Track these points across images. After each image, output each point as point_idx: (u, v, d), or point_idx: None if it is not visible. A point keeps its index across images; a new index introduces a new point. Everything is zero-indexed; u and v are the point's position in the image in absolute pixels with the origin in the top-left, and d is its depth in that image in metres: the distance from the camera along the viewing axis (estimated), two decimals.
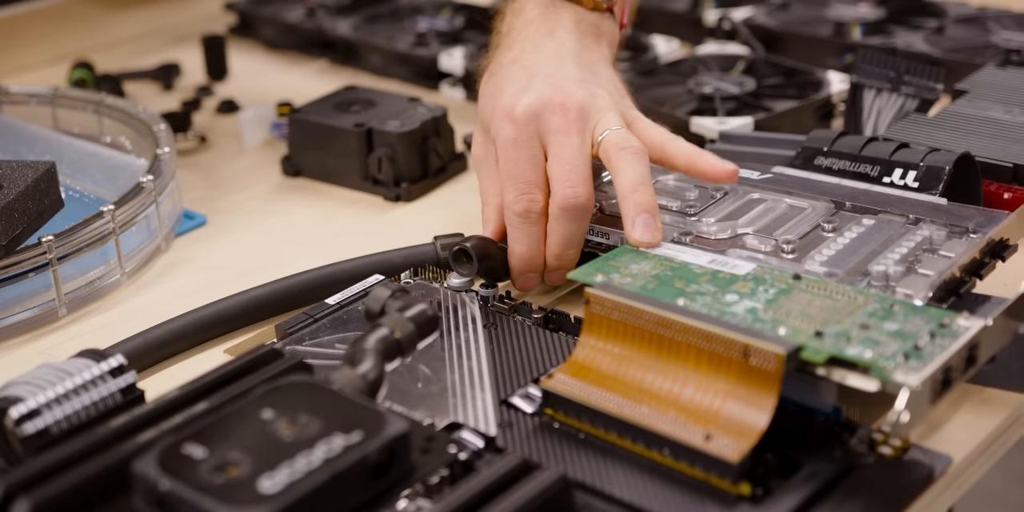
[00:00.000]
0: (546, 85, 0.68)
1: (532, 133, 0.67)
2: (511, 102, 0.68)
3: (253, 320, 0.68)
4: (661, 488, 0.52)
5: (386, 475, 0.48)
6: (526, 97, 0.68)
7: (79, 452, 0.48)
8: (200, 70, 1.06)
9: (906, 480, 0.52)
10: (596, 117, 0.67)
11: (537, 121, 0.67)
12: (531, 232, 0.66)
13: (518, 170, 0.66)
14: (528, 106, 0.67)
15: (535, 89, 0.68)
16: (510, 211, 0.66)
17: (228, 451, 0.46)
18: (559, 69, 0.70)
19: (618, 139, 0.65)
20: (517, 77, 0.70)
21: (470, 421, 0.56)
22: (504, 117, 0.68)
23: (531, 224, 0.66)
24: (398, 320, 0.55)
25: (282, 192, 0.85)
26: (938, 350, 0.52)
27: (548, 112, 0.67)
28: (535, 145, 0.67)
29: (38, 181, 0.69)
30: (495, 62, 0.73)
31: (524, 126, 0.67)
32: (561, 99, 0.67)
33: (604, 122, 0.67)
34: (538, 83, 0.68)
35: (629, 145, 0.65)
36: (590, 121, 0.67)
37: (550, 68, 0.70)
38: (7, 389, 0.54)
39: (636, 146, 0.65)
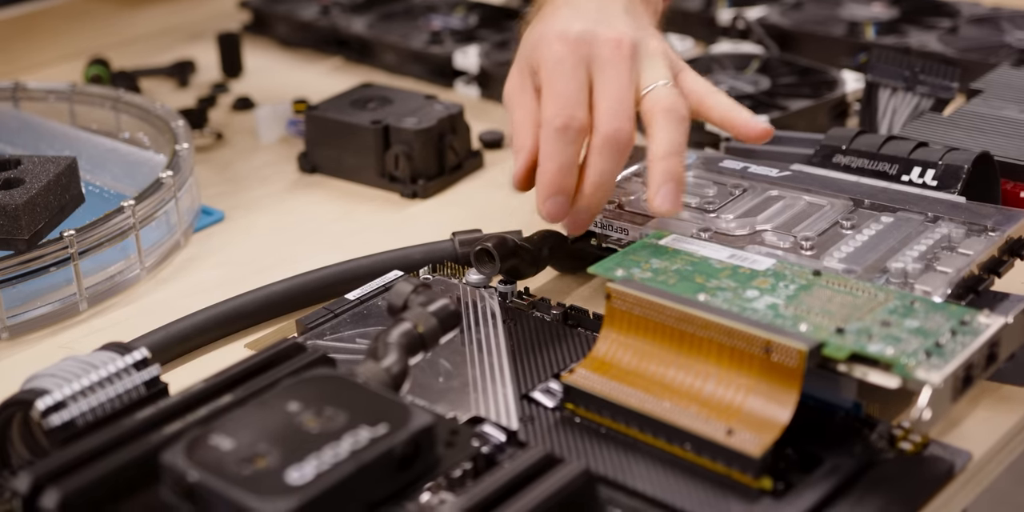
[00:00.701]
0: (598, 22, 0.67)
1: (582, 57, 0.65)
2: (564, 26, 0.66)
3: (273, 315, 0.69)
4: (683, 482, 0.52)
5: (411, 468, 0.48)
6: (579, 24, 0.66)
7: (106, 443, 0.48)
8: (215, 67, 1.06)
9: (927, 475, 0.53)
10: (647, 60, 0.66)
11: (589, 47, 0.65)
12: (566, 151, 0.64)
13: (563, 87, 0.64)
14: (582, 31, 0.66)
15: (589, 21, 0.66)
16: (549, 126, 0.64)
17: (255, 443, 0.46)
18: (610, 15, 0.68)
19: (663, 98, 0.64)
20: (567, 16, 0.68)
21: (492, 415, 0.56)
22: (555, 38, 0.66)
23: (568, 142, 0.63)
24: (421, 314, 0.56)
25: (299, 188, 0.86)
26: (960, 347, 0.52)
27: (601, 41, 0.65)
28: (582, 69, 0.65)
29: (60, 176, 0.70)
30: (543, 9, 0.71)
31: (575, 48, 0.65)
32: (615, 34, 0.66)
33: (653, 70, 0.66)
34: (590, 20, 0.67)
35: (674, 108, 0.64)
36: (641, 61, 0.66)
37: (600, 14, 0.68)
38: (32, 381, 0.54)
39: (680, 110, 0.64)
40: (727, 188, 0.71)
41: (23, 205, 0.66)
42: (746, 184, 0.71)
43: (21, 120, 0.87)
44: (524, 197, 0.70)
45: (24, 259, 0.67)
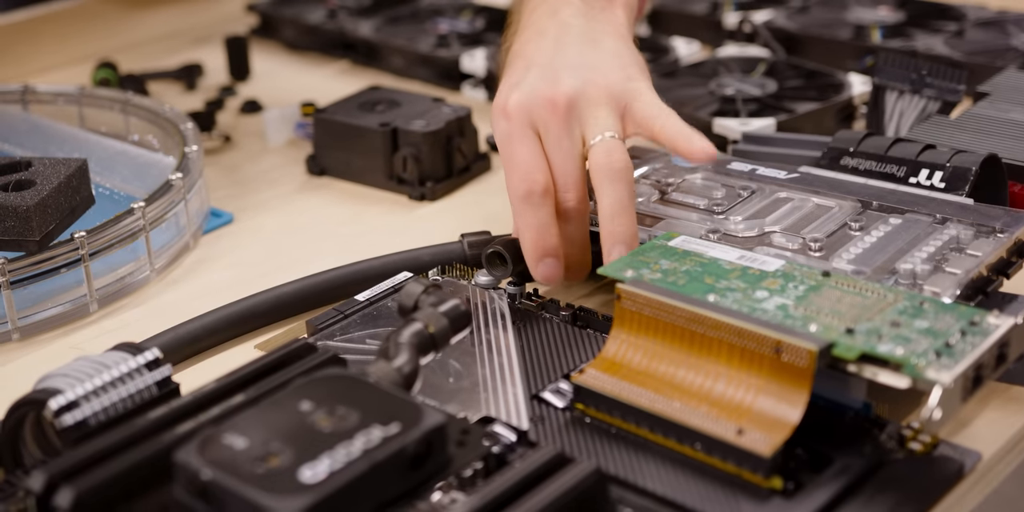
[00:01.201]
0: (538, 77, 0.68)
1: (525, 126, 0.67)
2: (504, 98, 0.68)
3: (283, 316, 0.69)
4: (694, 482, 0.52)
5: (423, 467, 0.48)
6: (517, 91, 0.68)
7: (120, 442, 0.48)
8: (222, 70, 1.06)
9: (936, 475, 0.53)
10: (587, 111, 0.67)
11: (529, 115, 0.67)
12: (537, 215, 0.66)
13: (516, 158, 0.67)
14: (518, 101, 0.67)
15: (527, 82, 0.68)
16: (514, 197, 0.66)
17: (268, 442, 0.47)
18: (556, 56, 0.69)
19: (601, 159, 0.65)
20: (516, 69, 0.70)
21: (502, 415, 0.56)
22: (498, 113, 0.68)
23: (536, 206, 0.65)
24: (432, 315, 0.56)
25: (307, 191, 0.86)
26: (969, 348, 0.53)
27: (538, 106, 0.67)
28: (529, 136, 0.67)
29: (71, 178, 0.70)
30: (506, 53, 0.73)
31: (517, 121, 0.67)
32: (550, 93, 0.67)
33: (593, 124, 0.67)
34: (531, 76, 0.68)
35: (612, 168, 0.65)
36: (581, 116, 0.67)
37: (547, 56, 0.69)
38: (45, 381, 0.54)
39: (618, 169, 0.65)
40: (736, 190, 0.71)
41: (34, 207, 0.66)
42: (754, 186, 0.71)
43: (31, 123, 0.87)
44: None
45: (35, 260, 0.67)
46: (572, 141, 0.67)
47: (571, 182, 0.66)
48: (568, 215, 0.67)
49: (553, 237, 0.66)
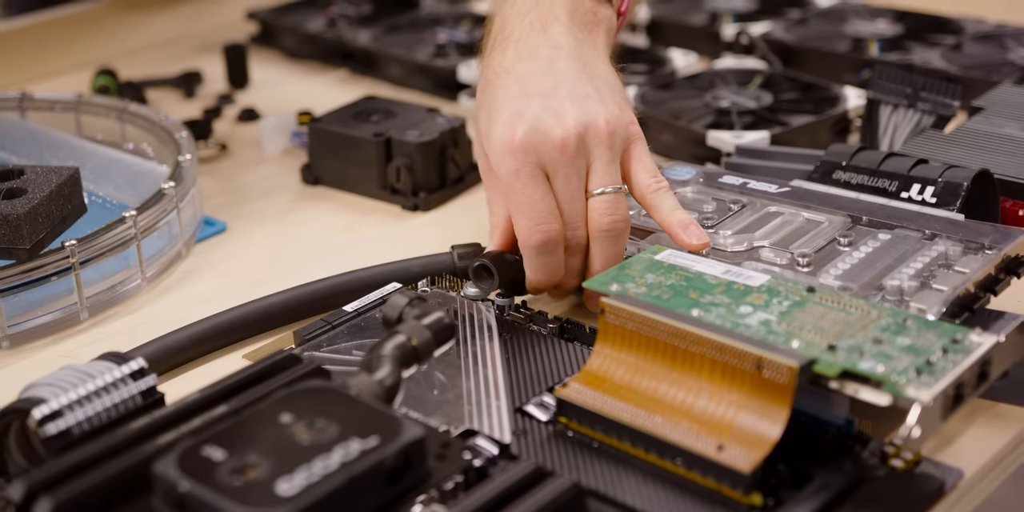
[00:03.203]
0: (542, 110, 0.66)
1: (533, 164, 0.66)
2: (508, 134, 0.66)
3: (272, 326, 0.69)
4: (673, 497, 0.52)
5: (401, 480, 0.48)
6: (522, 126, 0.66)
7: (100, 453, 0.49)
8: (222, 79, 1.07)
9: (917, 493, 0.53)
10: (593, 154, 0.66)
11: (537, 154, 0.65)
12: (550, 262, 0.66)
13: (527, 201, 0.65)
14: (525, 139, 0.65)
15: (531, 116, 0.66)
16: (527, 244, 0.66)
17: (247, 454, 0.47)
18: (555, 85, 0.67)
19: (603, 218, 0.66)
20: (512, 95, 0.67)
21: (485, 428, 0.56)
22: (504, 150, 0.66)
23: (549, 253, 0.66)
24: (415, 327, 0.56)
25: (301, 200, 0.86)
26: (950, 366, 0.52)
27: (548, 146, 0.65)
28: (538, 175, 0.66)
29: (62, 186, 0.70)
30: (490, 67, 0.70)
31: (524, 159, 0.66)
32: (560, 133, 0.65)
33: (599, 169, 0.66)
34: (533, 107, 0.66)
35: (612, 227, 0.66)
36: (588, 155, 0.66)
37: (545, 83, 0.67)
38: (30, 390, 0.54)
39: (619, 229, 0.66)
40: (726, 203, 0.71)
41: (25, 215, 0.67)
42: (745, 200, 0.71)
43: (27, 130, 0.88)
44: None
45: (25, 268, 0.68)
46: (579, 179, 0.66)
47: (579, 220, 0.67)
48: (573, 250, 0.67)
49: (560, 274, 0.67)
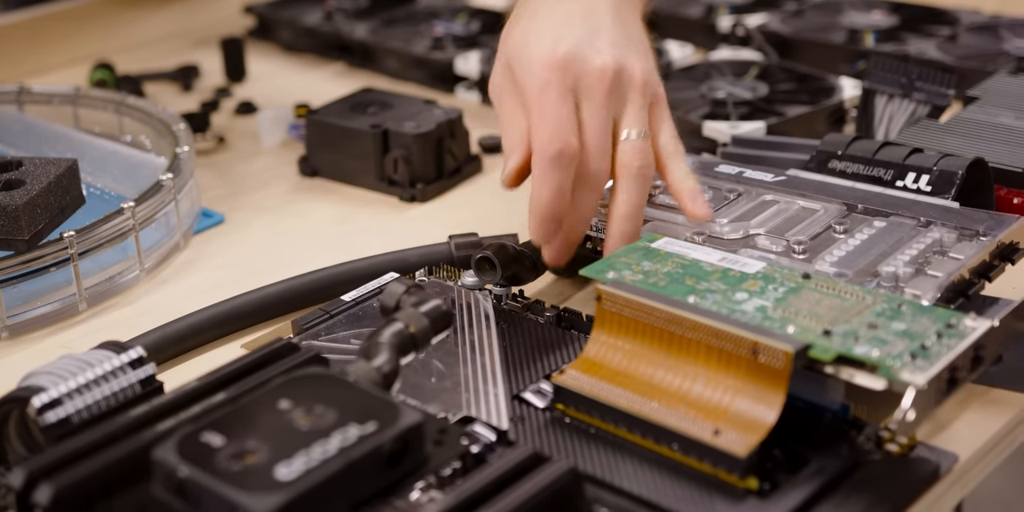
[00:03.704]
0: (584, 38, 0.66)
1: (568, 85, 0.65)
2: (549, 48, 0.65)
3: (270, 316, 0.69)
4: (670, 482, 0.52)
5: (399, 465, 0.48)
6: (564, 44, 0.65)
7: (100, 440, 0.49)
8: (219, 72, 1.07)
9: (912, 477, 0.53)
10: (627, 97, 0.66)
11: (574, 76, 0.65)
12: (561, 177, 0.64)
13: (553, 114, 0.64)
14: (567, 56, 0.65)
15: (573, 42, 0.66)
16: (543, 153, 0.64)
17: (246, 440, 0.47)
18: (597, 20, 0.67)
19: (630, 158, 0.66)
20: (554, 22, 0.67)
21: (483, 415, 0.57)
22: (541, 64, 0.65)
23: (563, 168, 0.64)
24: (413, 315, 0.56)
25: (299, 192, 0.86)
26: (944, 350, 0.53)
27: (586, 71, 0.65)
28: (569, 96, 0.65)
29: (60, 177, 0.71)
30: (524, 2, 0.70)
31: (561, 76, 0.65)
32: (600, 62, 0.65)
33: (631, 113, 0.66)
34: (576, 32, 0.66)
35: (639, 169, 0.66)
36: (622, 96, 0.66)
37: (588, 23, 0.67)
38: (29, 379, 0.55)
39: (645, 172, 0.66)
40: (722, 192, 0.71)
41: (23, 206, 0.67)
42: (741, 188, 0.71)
43: (25, 123, 0.88)
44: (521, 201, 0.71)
45: (24, 259, 0.68)
46: (608, 115, 0.66)
47: (601, 151, 0.65)
48: (587, 183, 0.65)
49: (566, 201, 0.65)
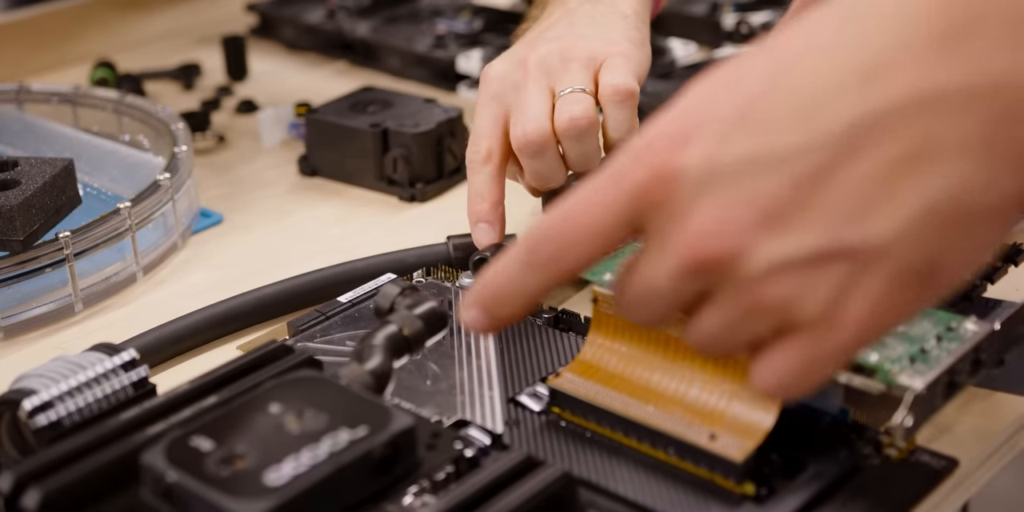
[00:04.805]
0: (520, 46, 0.70)
1: (493, 93, 0.69)
2: (486, 68, 0.70)
3: (266, 317, 0.69)
4: (666, 487, 0.52)
5: (391, 470, 0.48)
6: (498, 61, 0.70)
7: (89, 444, 0.48)
8: (220, 70, 1.07)
9: (911, 482, 0.52)
10: (558, 67, 0.68)
11: (499, 81, 0.69)
12: (472, 179, 0.69)
13: (476, 126, 0.69)
14: (495, 68, 0.69)
15: (509, 52, 0.70)
16: (468, 160, 0.69)
17: (235, 444, 0.46)
18: (545, 31, 0.71)
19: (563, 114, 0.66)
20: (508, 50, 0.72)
21: (477, 418, 0.56)
22: (480, 81, 0.70)
23: (473, 173, 0.68)
24: (407, 317, 0.56)
25: (298, 191, 0.86)
26: (944, 354, 0.52)
27: (512, 70, 0.69)
28: (493, 104, 0.69)
29: (56, 177, 0.70)
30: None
31: (487, 87, 0.69)
32: (524, 55, 0.69)
33: (564, 77, 0.68)
34: (516, 47, 0.71)
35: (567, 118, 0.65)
36: (551, 70, 0.68)
37: (536, 32, 0.71)
38: (21, 381, 0.54)
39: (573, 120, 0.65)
40: None
41: (18, 206, 0.67)
42: None
43: (24, 122, 0.88)
44: (520, 202, 0.70)
45: (19, 260, 0.68)
46: (539, 88, 0.68)
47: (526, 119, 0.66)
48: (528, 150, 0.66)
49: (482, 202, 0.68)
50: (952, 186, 0.36)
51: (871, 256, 0.37)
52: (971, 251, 0.38)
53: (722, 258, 0.38)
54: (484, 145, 0.68)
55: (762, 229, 0.38)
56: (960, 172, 0.36)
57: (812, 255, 0.37)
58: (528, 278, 0.43)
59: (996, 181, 0.36)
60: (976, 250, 0.38)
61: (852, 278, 0.37)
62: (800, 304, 0.38)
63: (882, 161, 0.36)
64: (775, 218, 0.37)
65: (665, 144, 0.39)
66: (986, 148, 0.36)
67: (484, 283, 0.45)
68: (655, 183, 0.39)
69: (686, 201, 0.39)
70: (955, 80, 0.36)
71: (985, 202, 0.36)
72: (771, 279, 0.38)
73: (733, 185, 0.38)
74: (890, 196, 0.36)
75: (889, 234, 0.37)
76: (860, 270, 0.37)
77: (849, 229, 0.37)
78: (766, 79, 0.39)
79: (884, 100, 0.37)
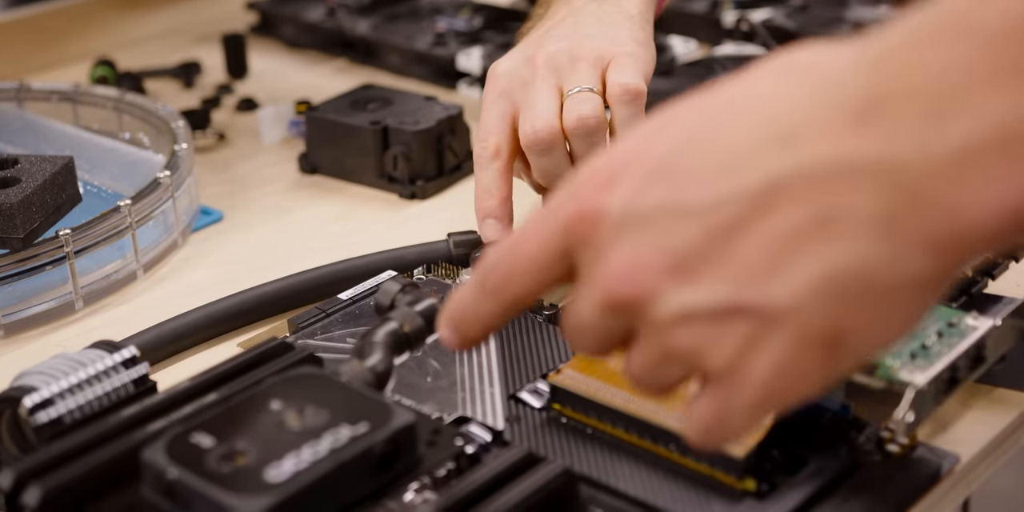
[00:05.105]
0: (527, 44, 0.70)
1: (501, 90, 0.69)
2: (493, 65, 0.70)
3: (267, 314, 0.69)
4: (667, 483, 0.52)
5: (391, 467, 0.48)
6: (506, 58, 0.70)
7: (90, 441, 0.48)
8: (221, 69, 1.06)
9: (912, 478, 0.52)
10: (567, 66, 0.68)
11: (507, 78, 0.69)
12: (480, 175, 0.69)
13: (484, 122, 0.69)
14: (503, 65, 0.70)
15: (517, 50, 0.70)
16: (475, 156, 0.69)
17: (236, 441, 0.46)
18: (551, 29, 0.71)
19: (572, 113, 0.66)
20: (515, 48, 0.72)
21: (478, 415, 0.56)
22: (487, 78, 0.70)
23: (482, 168, 0.68)
24: (407, 314, 0.56)
25: (299, 189, 0.86)
26: (945, 349, 0.52)
27: (520, 67, 0.69)
28: (501, 101, 0.69)
29: (56, 175, 0.70)
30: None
31: (495, 84, 0.69)
32: (532, 53, 0.69)
33: (572, 76, 0.68)
34: (523, 44, 0.71)
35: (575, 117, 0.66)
36: (559, 69, 0.68)
37: (542, 31, 0.71)
38: (21, 379, 0.54)
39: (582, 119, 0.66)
40: None
41: (18, 204, 0.67)
42: None
43: (24, 120, 0.88)
44: (521, 199, 0.70)
45: (20, 258, 0.67)
46: (547, 86, 0.68)
47: (535, 116, 0.67)
48: (536, 148, 0.67)
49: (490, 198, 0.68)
50: (852, 258, 0.36)
51: (773, 317, 0.37)
52: (883, 325, 0.37)
53: (633, 300, 0.39)
54: (493, 141, 0.68)
55: (672, 276, 0.38)
56: (861, 245, 0.36)
57: (718, 309, 0.37)
58: (482, 305, 0.44)
59: (902, 259, 0.36)
60: (889, 325, 0.37)
61: (757, 336, 0.37)
62: (708, 354, 0.38)
63: (790, 224, 0.36)
64: (685, 268, 0.38)
65: (593, 183, 0.40)
66: (890, 225, 0.35)
67: (449, 306, 0.46)
68: (581, 221, 0.40)
69: (606, 241, 0.39)
70: (864, 153, 0.36)
71: (891, 278, 0.36)
72: (679, 326, 0.38)
73: (648, 230, 0.38)
74: (794, 260, 0.36)
75: (789, 298, 0.37)
76: (764, 329, 0.37)
77: (754, 288, 0.37)
78: (695, 127, 0.39)
79: (796, 163, 0.36)
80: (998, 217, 0.35)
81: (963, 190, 0.35)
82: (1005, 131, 0.34)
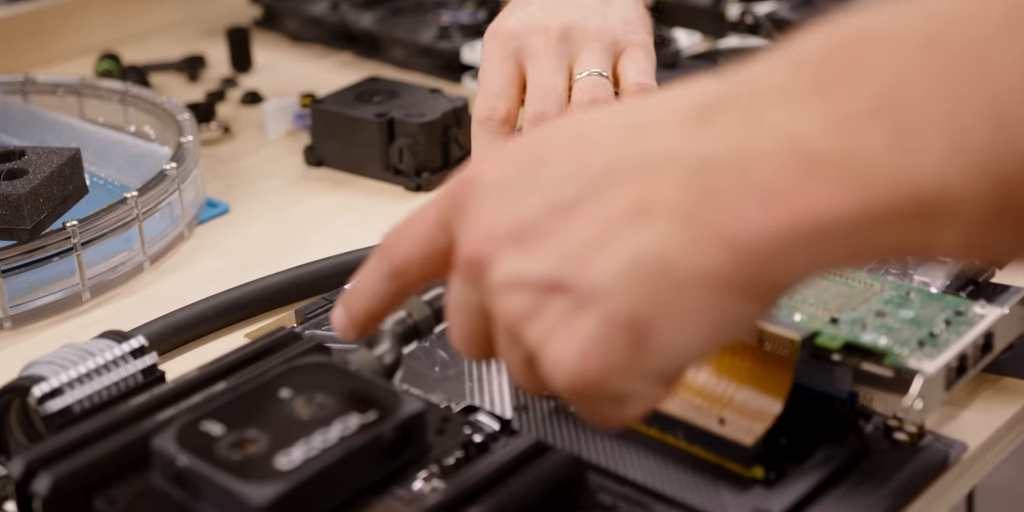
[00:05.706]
0: (538, 9, 0.68)
1: (510, 51, 0.67)
2: (497, 23, 0.68)
3: (274, 305, 0.69)
4: (675, 471, 0.52)
5: (401, 454, 0.48)
6: (513, 17, 0.68)
7: (99, 429, 0.48)
8: (225, 62, 1.07)
9: (920, 466, 0.52)
10: (581, 44, 0.67)
11: (517, 40, 0.67)
12: (491, 141, 0.67)
13: (487, 82, 0.67)
14: (512, 25, 0.67)
15: (525, 11, 0.68)
16: (474, 120, 0.67)
17: (245, 429, 0.46)
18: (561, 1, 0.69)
19: (579, 92, 0.65)
20: (517, 4, 0.70)
21: (486, 404, 0.56)
22: (489, 37, 0.68)
23: (491, 133, 0.66)
24: (415, 304, 0.56)
25: (304, 182, 0.86)
26: (953, 337, 0.52)
27: (531, 32, 0.67)
28: (510, 63, 0.67)
29: (63, 167, 0.70)
30: None
31: (503, 43, 0.67)
32: (545, 20, 0.67)
33: (586, 56, 0.67)
34: (532, 7, 0.69)
35: (587, 100, 0.65)
36: (573, 46, 0.67)
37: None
38: (30, 368, 0.54)
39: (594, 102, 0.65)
40: None
41: (26, 195, 0.67)
42: None
43: (29, 113, 0.88)
44: None
45: (27, 249, 0.68)
46: (560, 63, 0.66)
47: (550, 99, 0.65)
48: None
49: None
50: (653, 245, 0.38)
51: (586, 297, 0.38)
52: (682, 319, 0.38)
53: (478, 262, 0.41)
54: (503, 106, 0.66)
55: (512, 243, 0.40)
56: (663, 233, 0.38)
57: (543, 282, 0.39)
58: (371, 275, 0.47)
59: (695, 251, 0.37)
60: (689, 321, 0.38)
61: (570, 313, 0.39)
62: (526, 325, 0.40)
63: (614, 207, 0.39)
64: (526, 237, 0.40)
65: (480, 163, 0.43)
66: (689, 218, 0.37)
67: (351, 287, 0.48)
68: (460, 187, 0.43)
69: (473, 206, 0.42)
70: (689, 150, 0.38)
71: (685, 268, 0.37)
72: (507, 291, 0.40)
73: (505, 198, 0.41)
74: (612, 243, 0.38)
75: (601, 279, 0.38)
76: (577, 308, 0.39)
77: (575, 265, 0.39)
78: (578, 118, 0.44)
79: (635, 153, 0.39)
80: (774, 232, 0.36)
81: (750, 197, 0.36)
82: (796, 146, 0.36)
